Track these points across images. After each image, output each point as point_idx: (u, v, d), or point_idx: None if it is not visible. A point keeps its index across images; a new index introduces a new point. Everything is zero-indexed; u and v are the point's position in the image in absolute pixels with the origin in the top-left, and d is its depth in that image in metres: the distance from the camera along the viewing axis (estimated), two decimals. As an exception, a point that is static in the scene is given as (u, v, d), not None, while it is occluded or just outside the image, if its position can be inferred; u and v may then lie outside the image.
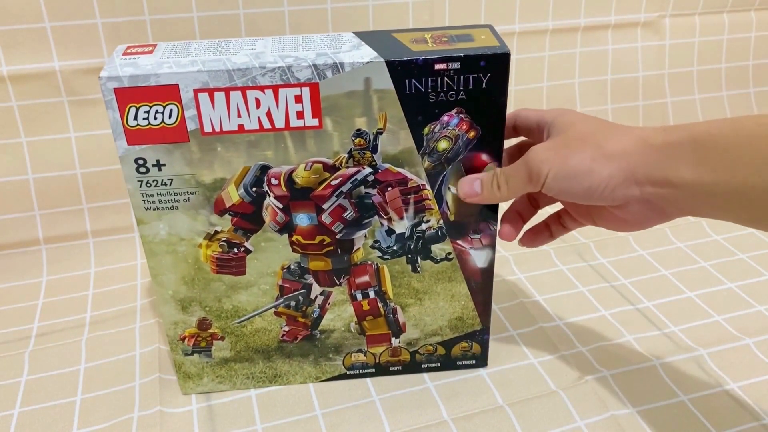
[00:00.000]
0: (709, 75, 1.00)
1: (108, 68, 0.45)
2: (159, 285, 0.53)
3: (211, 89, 0.45)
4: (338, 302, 0.56)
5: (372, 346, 0.58)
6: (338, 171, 0.50)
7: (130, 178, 0.48)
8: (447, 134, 0.49)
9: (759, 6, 1.00)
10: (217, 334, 0.56)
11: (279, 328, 0.56)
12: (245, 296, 0.54)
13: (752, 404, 0.56)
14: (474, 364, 0.60)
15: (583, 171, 0.44)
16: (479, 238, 0.54)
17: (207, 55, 0.47)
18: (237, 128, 0.47)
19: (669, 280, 0.72)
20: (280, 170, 0.49)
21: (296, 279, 0.54)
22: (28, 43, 0.72)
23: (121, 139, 0.47)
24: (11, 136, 0.74)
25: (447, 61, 0.46)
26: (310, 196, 0.51)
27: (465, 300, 0.57)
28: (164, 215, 0.50)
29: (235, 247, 0.52)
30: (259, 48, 0.48)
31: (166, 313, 0.54)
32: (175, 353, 0.56)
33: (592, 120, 0.47)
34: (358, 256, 0.54)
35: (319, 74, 0.46)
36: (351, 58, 0.46)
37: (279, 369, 0.58)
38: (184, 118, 0.46)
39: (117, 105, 0.45)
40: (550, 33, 0.91)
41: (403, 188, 0.51)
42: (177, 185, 0.49)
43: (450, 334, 0.59)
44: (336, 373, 0.59)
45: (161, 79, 0.45)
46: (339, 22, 0.81)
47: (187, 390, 0.58)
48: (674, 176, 0.41)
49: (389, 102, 0.47)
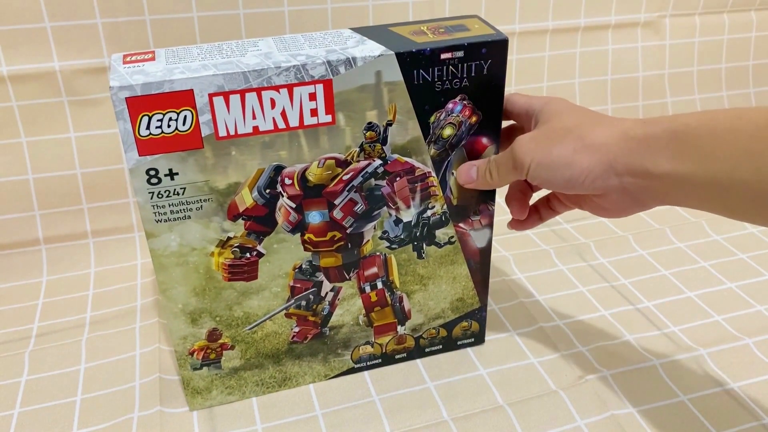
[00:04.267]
0: (709, 75, 1.00)
1: (116, 77, 0.44)
2: (169, 299, 0.51)
3: (226, 92, 0.45)
4: (347, 296, 0.56)
5: (379, 336, 0.59)
6: (350, 166, 0.50)
7: (140, 190, 0.46)
8: (451, 121, 0.50)
9: (759, 6, 1.00)
10: (227, 344, 0.55)
11: (289, 330, 0.56)
12: (256, 301, 0.54)
13: (752, 404, 0.56)
14: (473, 342, 0.62)
15: (564, 162, 0.46)
16: (479, 219, 0.56)
17: (215, 58, 0.46)
18: (252, 130, 0.47)
19: (669, 280, 0.72)
20: (294, 169, 0.49)
21: (307, 278, 0.54)
22: (28, 43, 0.72)
23: (132, 150, 0.45)
24: (11, 136, 0.74)
25: (452, 50, 0.48)
26: (322, 193, 0.51)
27: (465, 281, 0.58)
28: (176, 226, 0.48)
29: (248, 251, 0.51)
30: (264, 48, 0.48)
31: (175, 329, 0.53)
32: (183, 369, 0.55)
33: (578, 111, 0.49)
34: (368, 249, 0.54)
35: (333, 70, 0.46)
36: (362, 53, 0.46)
37: (288, 372, 0.58)
38: (199, 123, 0.45)
39: (128, 115, 0.44)
40: (550, 33, 0.91)
41: (411, 177, 0.52)
42: (190, 194, 0.48)
43: (452, 315, 0.60)
44: (344, 368, 0.59)
45: (175, 85, 0.43)
46: (339, 21, 0.81)
47: (195, 406, 0.57)
48: (652, 167, 0.43)
49: (399, 93, 0.48)
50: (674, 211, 0.85)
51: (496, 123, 0.52)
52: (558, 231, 0.82)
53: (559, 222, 0.84)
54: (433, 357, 0.62)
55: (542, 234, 0.81)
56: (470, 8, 0.86)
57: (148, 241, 0.49)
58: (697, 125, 0.41)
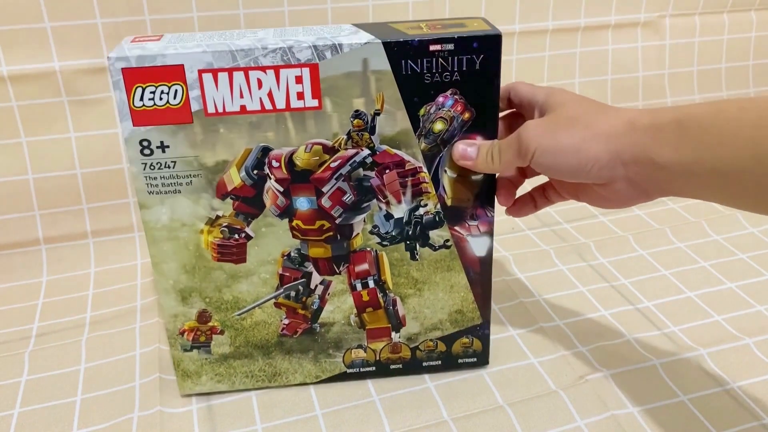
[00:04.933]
0: (709, 75, 1.01)
1: (116, 51, 0.47)
2: (160, 274, 0.53)
3: (215, 69, 0.47)
4: (338, 292, 0.56)
5: (372, 341, 0.58)
6: (337, 153, 0.51)
7: (134, 160, 0.49)
8: (442, 115, 0.50)
9: (759, 6, 1.00)
10: (216, 328, 0.56)
11: (279, 321, 0.56)
12: (245, 286, 0.54)
13: (752, 404, 0.56)
14: (475, 362, 0.60)
15: (571, 149, 0.46)
16: (477, 224, 0.55)
17: (212, 40, 0.48)
18: (239, 109, 0.48)
19: (669, 280, 0.72)
20: (281, 152, 0.50)
21: (296, 267, 0.54)
22: (28, 43, 0.72)
23: (126, 120, 0.48)
24: (11, 136, 0.74)
25: (441, 42, 0.48)
26: (309, 179, 0.51)
27: (464, 292, 0.57)
28: (167, 199, 0.50)
29: (236, 233, 0.52)
30: (261, 35, 0.50)
31: (166, 305, 0.54)
32: (174, 349, 0.56)
33: (583, 100, 0.49)
34: (357, 242, 0.54)
35: (319, 55, 0.47)
36: (349, 40, 0.47)
37: (278, 366, 0.58)
38: (189, 98, 0.47)
39: (124, 85, 0.46)
40: (550, 33, 0.91)
41: (401, 170, 0.52)
42: (180, 168, 0.50)
43: (450, 328, 0.59)
44: (336, 372, 0.59)
45: (167, 60, 0.46)
46: (339, 21, 0.81)
47: (185, 390, 0.58)
48: (658, 157, 0.43)
49: (386, 83, 0.49)
50: (674, 211, 0.85)
51: (491, 121, 0.51)
52: (558, 231, 0.82)
53: (559, 222, 0.84)
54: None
55: (542, 234, 0.81)
56: (470, 8, 0.86)
57: (141, 212, 0.51)
58: (702, 115, 0.41)
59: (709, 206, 0.86)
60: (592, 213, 0.85)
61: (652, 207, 0.86)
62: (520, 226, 0.83)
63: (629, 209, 0.86)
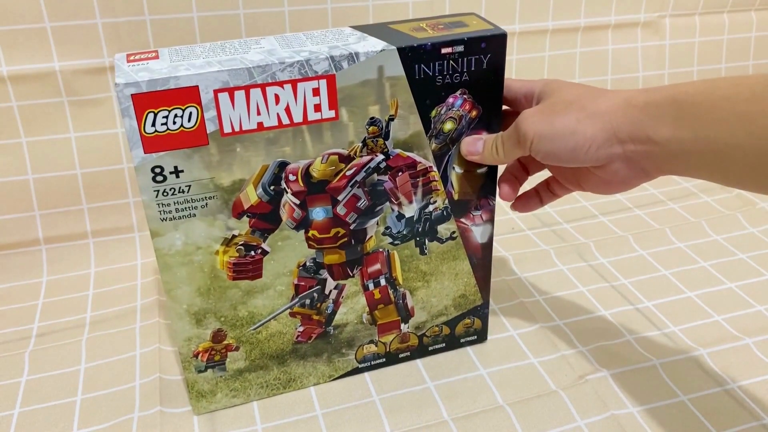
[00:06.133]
0: (709, 75, 1.00)
1: (121, 75, 0.43)
2: (173, 300, 0.51)
3: (231, 88, 0.45)
4: (351, 294, 0.56)
5: (383, 335, 0.59)
6: (353, 161, 0.50)
7: (146, 188, 0.46)
8: (452, 115, 0.51)
9: (759, 6, 1.00)
10: (232, 345, 0.55)
11: (294, 330, 0.56)
12: (261, 300, 0.54)
13: (752, 404, 0.56)
14: (475, 339, 0.62)
15: (567, 132, 0.46)
16: (480, 214, 0.56)
17: (218, 56, 0.47)
18: (256, 126, 0.47)
19: (669, 280, 0.72)
20: (298, 165, 0.49)
21: (311, 275, 0.54)
22: (28, 43, 0.72)
23: (137, 147, 0.45)
24: (11, 136, 0.74)
25: (452, 45, 0.48)
26: (326, 189, 0.51)
27: (467, 277, 0.58)
28: (181, 224, 0.48)
29: (252, 249, 0.51)
30: (267, 46, 0.48)
31: (180, 330, 0.53)
32: (188, 372, 0.55)
33: (579, 86, 0.50)
34: (371, 245, 0.54)
35: (336, 65, 0.47)
36: (364, 48, 0.47)
37: (293, 373, 0.58)
38: (204, 120, 0.45)
39: (134, 112, 0.43)
40: (550, 33, 0.91)
41: (412, 172, 0.52)
42: (195, 191, 0.48)
43: (454, 312, 0.60)
44: (348, 369, 0.59)
45: (181, 82, 0.43)
46: (339, 21, 0.81)
47: (200, 410, 0.56)
48: (654, 134, 0.43)
49: (400, 88, 0.49)
50: (674, 211, 0.85)
51: (496, 117, 0.52)
52: (558, 231, 0.82)
53: (559, 222, 0.84)
54: (433, 357, 0.62)
55: (542, 234, 0.81)
56: (470, 8, 0.86)
57: (153, 240, 0.48)
58: (697, 92, 0.42)
59: (709, 206, 0.86)
60: (592, 213, 0.85)
61: (652, 207, 0.86)
62: (520, 226, 0.83)
63: (629, 209, 0.86)
